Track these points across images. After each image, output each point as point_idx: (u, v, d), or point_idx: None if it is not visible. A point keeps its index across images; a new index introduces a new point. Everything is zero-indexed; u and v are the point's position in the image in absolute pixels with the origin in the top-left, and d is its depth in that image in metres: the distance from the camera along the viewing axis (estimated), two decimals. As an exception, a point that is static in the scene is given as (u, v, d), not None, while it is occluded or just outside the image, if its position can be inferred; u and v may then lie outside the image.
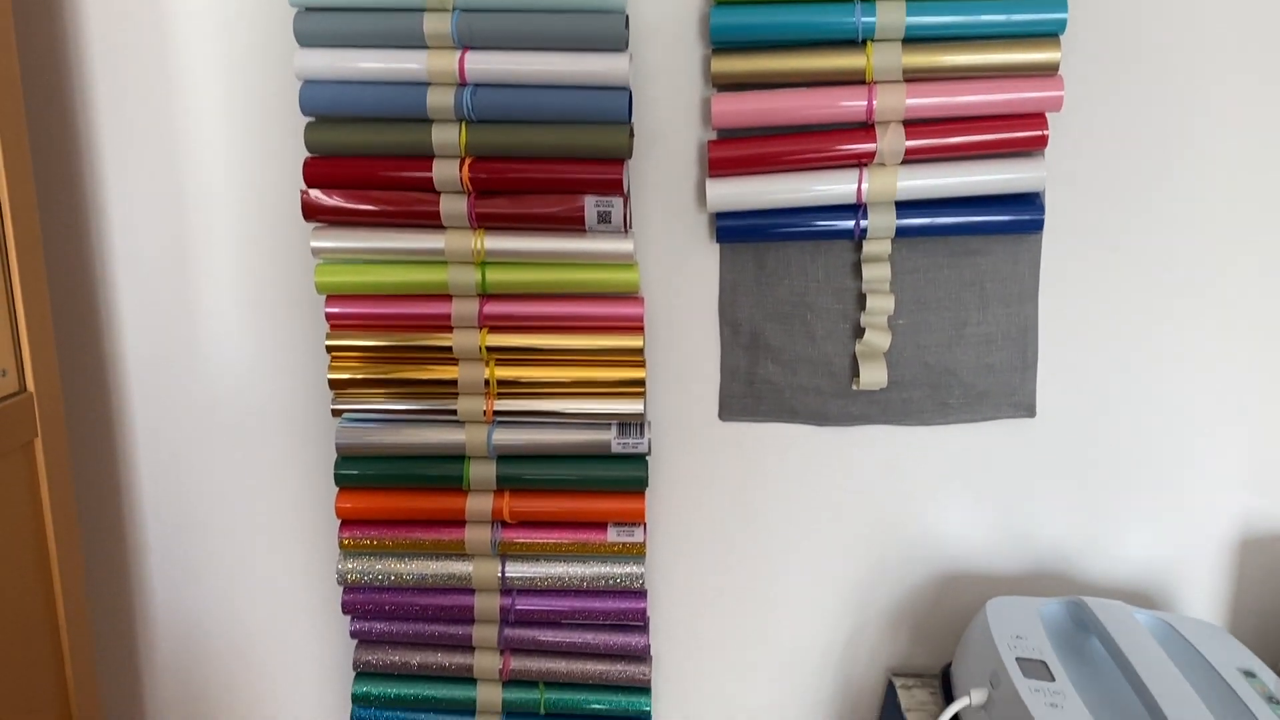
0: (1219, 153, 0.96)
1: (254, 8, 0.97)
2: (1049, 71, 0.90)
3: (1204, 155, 0.96)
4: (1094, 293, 0.99)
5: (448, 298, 0.98)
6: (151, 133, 1.00)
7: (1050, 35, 0.90)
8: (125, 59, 0.99)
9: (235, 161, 1.00)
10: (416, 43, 0.92)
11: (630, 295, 0.98)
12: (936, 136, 0.92)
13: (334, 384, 1.00)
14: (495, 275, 0.97)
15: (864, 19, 0.89)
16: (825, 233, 0.96)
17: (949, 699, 0.96)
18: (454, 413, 0.99)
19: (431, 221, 0.96)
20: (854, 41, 0.91)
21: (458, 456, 1.01)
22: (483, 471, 1.00)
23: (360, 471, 1.01)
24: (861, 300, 0.98)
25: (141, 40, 0.98)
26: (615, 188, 0.94)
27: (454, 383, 0.99)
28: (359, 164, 0.95)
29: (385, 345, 0.99)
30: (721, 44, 0.92)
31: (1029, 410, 1.01)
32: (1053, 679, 0.84)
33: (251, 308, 1.04)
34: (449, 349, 0.99)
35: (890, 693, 1.06)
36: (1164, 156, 0.96)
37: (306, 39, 0.93)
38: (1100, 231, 0.98)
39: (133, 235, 1.03)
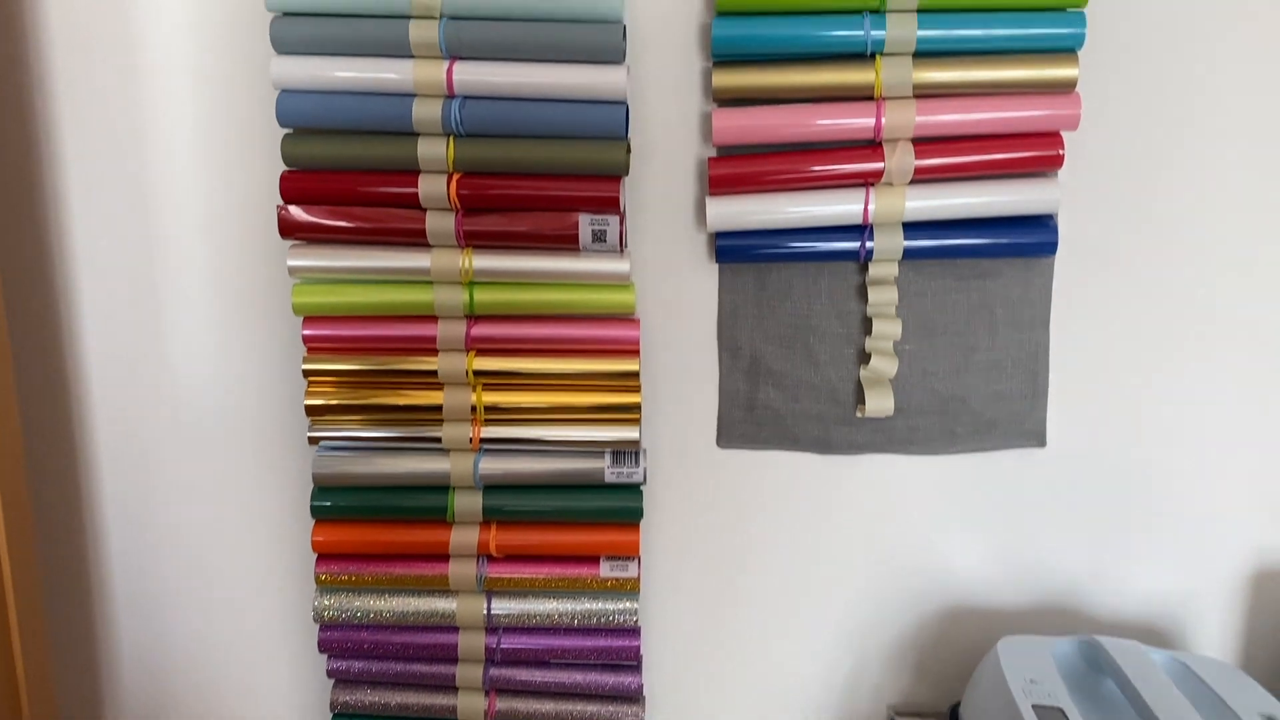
0: (1239, 177, 0.93)
1: (228, 11, 0.92)
2: (1066, 89, 0.87)
3: (1224, 178, 0.93)
4: (1107, 319, 0.96)
5: (433, 319, 0.93)
6: (117, 138, 0.94)
7: (1068, 51, 0.86)
8: (88, 61, 0.93)
9: (207, 174, 0.95)
10: (402, 51, 0.87)
11: (626, 317, 0.94)
12: (947, 155, 0.88)
13: (311, 410, 0.94)
14: (484, 295, 0.92)
15: (873, 32, 0.85)
16: (829, 254, 0.92)
17: (957, 742, 0.92)
18: (438, 440, 0.94)
19: (417, 239, 0.91)
20: (862, 55, 0.87)
21: (442, 487, 0.95)
22: (468, 503, 0.95)
23: (338, 503, 0.96)
24: (867, 324, 0.94)
25: (106, 42, 0.93)
26: (612, 206, 0.89)
27: (438, 408, 0.94)
28: (339, 178, 0.90)
29: (366, 369, 0.94)
30: (723, 57, 0.88)
31: (1039, 439, 0.98)
32: (1070, 726, 0.80)
33: (224, 329, 0.98)
34: (434, 373, 0.93)
35: (893, 732, 1.02)
36: (1182, 178, 0.93)
37: (284, 45, 0.88)
38: (1115, 255, 0.94)
39: (96, 249, 0.97)
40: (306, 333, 0.93)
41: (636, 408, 0.94)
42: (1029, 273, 0.94)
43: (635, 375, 0.93)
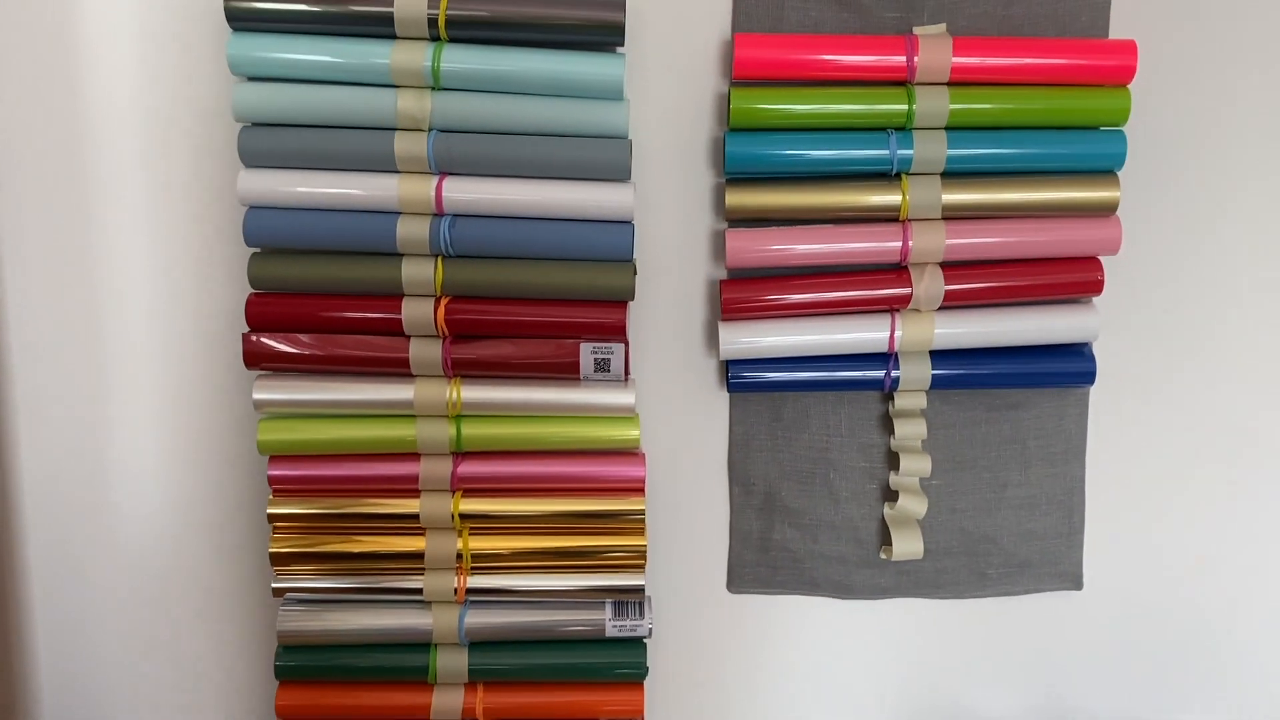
0: (1281, 299, 0.88)
1: (190, 117, 0.83)
2: (1105, 211, 0.81)
3: (1271, 304, 0.88)
4: (1148, 451, 0.89)
5: (415, 456, 0.83)
6: (63, 252, 0.85)
7: (1107, 172, 0.81)
8: (34, 157, 0.84)
9: (164, 295, 0.85)
10: (385, 166, 0.79)
11: (630, 451, 0.85)
12: (979, 280, 0.82)
13: (276, 559, 0.84)
14: (473, 430, 0.83)
15: (899, 151, 0.79)
16: (852, 383, 0.84)
17: None
18: (419, 592, 0.84)
19: (399, 370, 0.82)
20: (887, 175, 0.81)
21: (422, 644, 0.85)
22: (452, 662, 0.85)
23: (306, 662, 0.85)
24: (891, 458, 0.87)
25: (55, 138, 0.83)
26: (617, 333, 0.81)
27: (420, 556, 0.84)
28: (313, 303, 0.81)
29: (338, 513, 0.83)
30: (737, 174, 0.82)
31: (1075, 582, 0.90)
32: None
33: (180, 468, 0.88)
34: (415, 516, 0.84)
35: None
36: (1225, 303, 0.87)
37: (253, 158, 0.80)
38: (1155, 384, 0.88)
39: (36, 375, 0.86)
40: (273, 473, 0.83)
41: (641, 551, 0.85)
42: (1063, 402, 0.87)
43: (640, 515, 0.84)
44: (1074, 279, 0.83)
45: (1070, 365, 0.85)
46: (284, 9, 0.77)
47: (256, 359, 0.82)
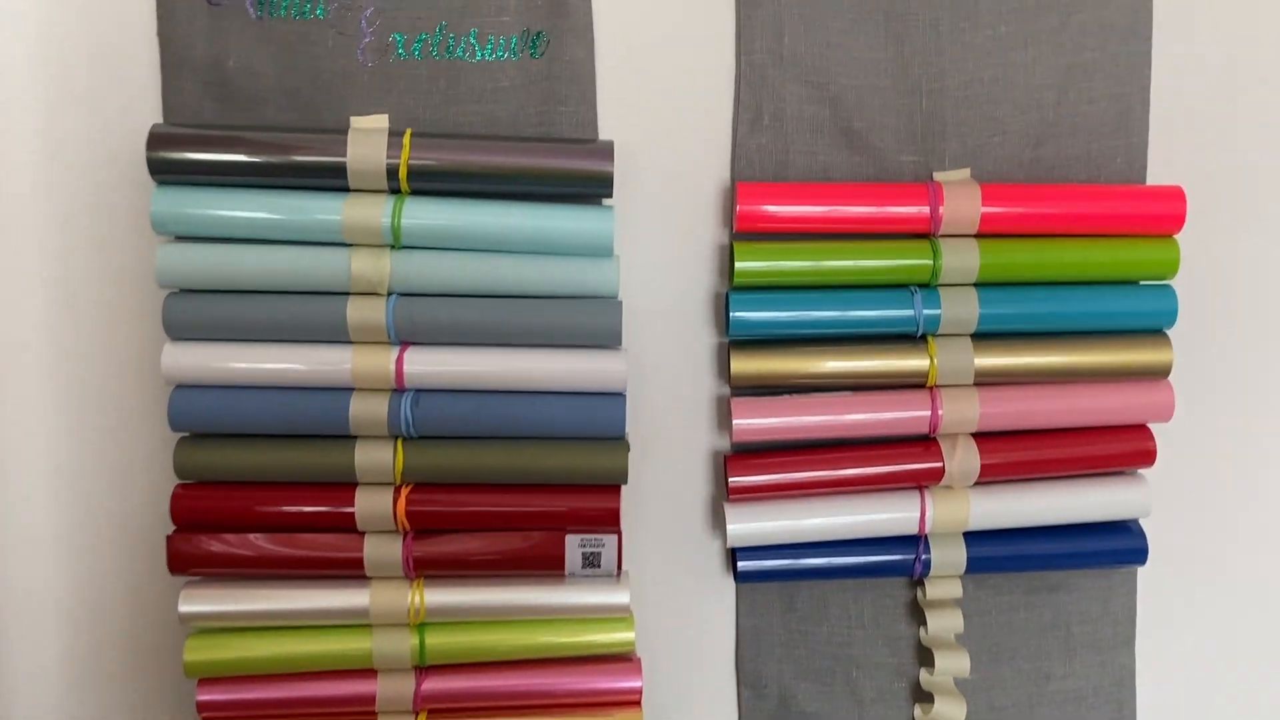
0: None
1: (108, 283, 0.72)
2: (1156, 375, 0.73)
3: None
4: (1203, 636, 0.79)
5: (371, 673, 0.70)
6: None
7: (1156, 331, 0.72)
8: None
9: (74, 489, 0.73)
10: (337, 336, 0.68)
11: (624, 656, 0.73)
12: (1017, 452, 0.72)
13: (204, 802, 0.70)
14: (438, 640, 0.70)
15: (925, 311, 0.70)
16: (876, 569, 0.74)
17: None
18: (378, 834, 0.71)
19: (351, 572, 0.70)
20: (912, 337, 0.72)
21: None
22: None
23: None
24: (922, 652, 0.76)
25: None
26: (609, 522, 0.70)
27: (378, 790, 0.71)
28: (249, 495, 0.69)
29: (280, 744, 0.71)
30: (742, 337, 0.72)
31: (1130, 784, 0.80)
32: None
33: (90, 687, 0.74)
34: (372, 744, 0.71)
35: None
36: (1285, 471, 0.79)
37: (180, 329, 0.68)
38: (1212, 563, 0.79)
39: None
40: (203, 698, 0.70)
41: (638, 775, 0.73)
42: (1110, 583, 0.77)
43: (637, 731, 0.73)
44: (1122, 449, 0.73)
45: (1119, 543, 0.75)
46: (216, 159, 0.67)
47: (183, 563, 0.69)
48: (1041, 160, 0.74)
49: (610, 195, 0.69)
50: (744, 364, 0.71)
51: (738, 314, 0.70)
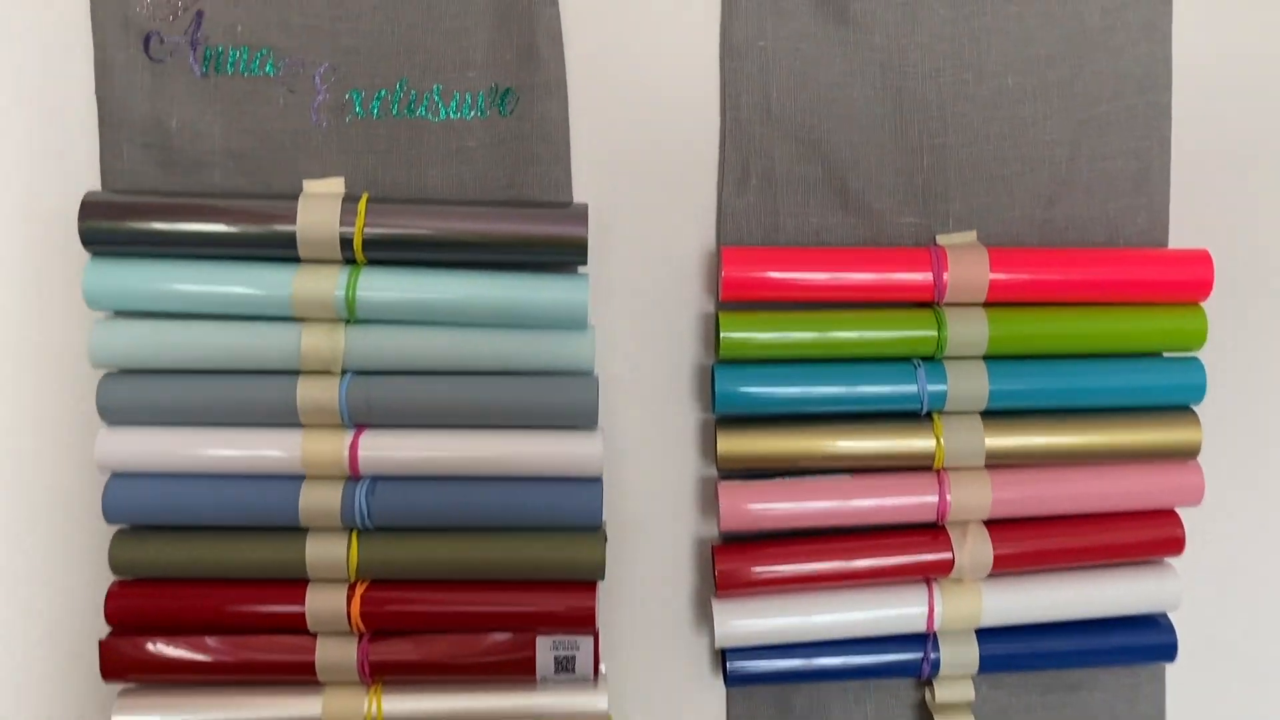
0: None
1: (38, 362, 0.66)
2: (1184, 455, 0.66)
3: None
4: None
5: (324, 789, 0.65)
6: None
7: (1182, 408, 0.66)
8: None
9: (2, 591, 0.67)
10: (285, 419, 0.63)
11: (601, 769, 0.67)
12: (1033, 541, 0.66)
13: None
14: (398, 751, 0.64)
15: (930, 386, 0.64)
16: (880, 669, 0.67)
17: None
18: None
19: (302, 677, 0.63)
20: (916, 415, 0.66)
21: None
22: None
23: None
24: (932, 761, 0.70)
25: None
26: (584, 622, 0.63)
27: None
28: (190, 593, 0.63)
29: None
30: (730, 415, 0.66)
31: None
32: None
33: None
34: None
35: None
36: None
37: (116, 413, 0.63)
38: (1244, 659, 0.72)
39: None
40: (135, 819, 0.64)
41: None
42: (1135, 681, 0.70)
43: None
44: (1148, 536, 0.67)
45: (1145, 638, 0.68)
46: (155, 229, 0.61)
47: (118, 668, 0.63)
48: (1054, 221, 0.68)
49: (585, 262, 0.63)
50: (732, 444, 0.65)
51: (724, 389, 0.64)
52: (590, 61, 0.67)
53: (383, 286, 0.62)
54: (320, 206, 0.62)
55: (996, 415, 0.66)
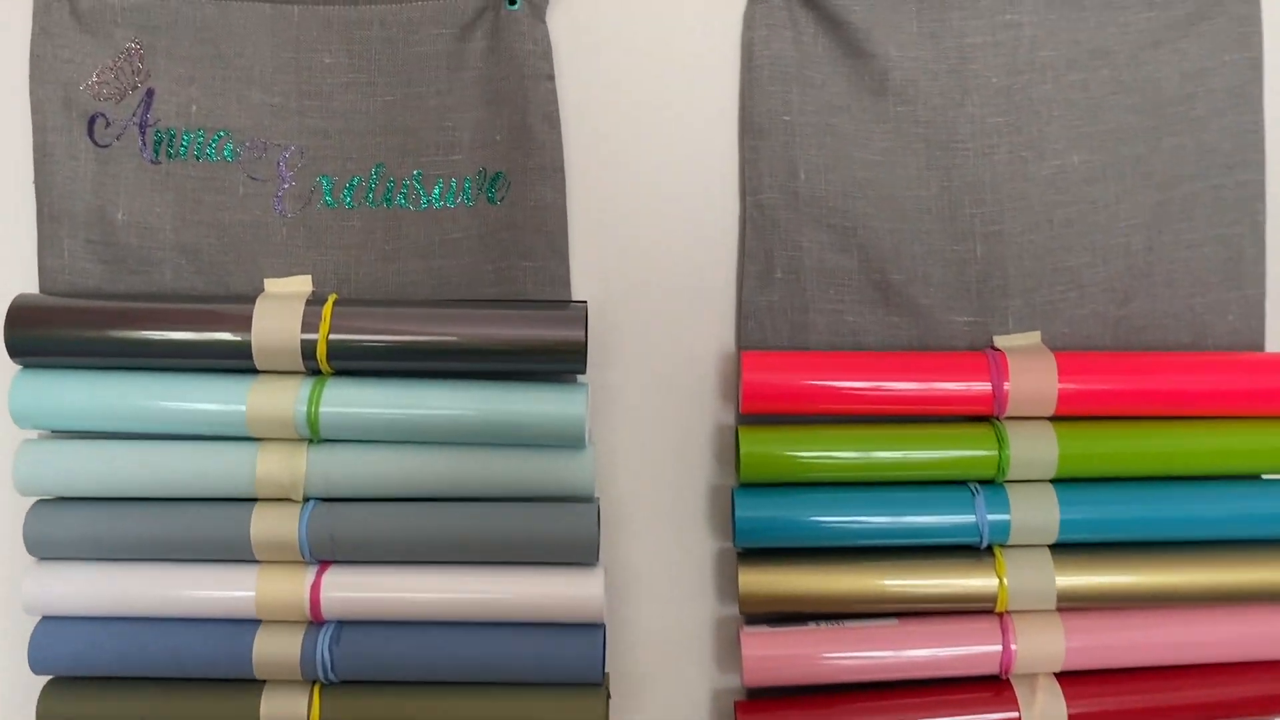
0: None
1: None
2: (1291, 599, 0.57)
3: None
4: None
5: None
6: None
7: (1285, 543, 0.57)
8: None
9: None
10: (238, 554, 0.54)
11: None
12: (1114, 697, 0.56)
13: None
14: None
15: (990, 516, 0.55)
16: (933, 846, 0.58)
17: None
18: None
19: None
20: (975, 549, 0.56)
21: None
22: None
23: None
24: None
25: None
26: (580, 797, 0.55)
27: None
28: (128, 756, 0.55)
29: None
30: (752, 546, 0.57)
31: None
32: None
33: None
34: None
35: None
36: None
37: (45, 547, 0.55)
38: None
39: None
40: None
41: None
42: None
43: None
44: (1252, 692, 0.57)
45: (1250, 806, 0.58)
46: (91, 336, 0.54)
47: (39, 846, 0.55)
48: (1130, 320, 0.59)
49: (583, 370, 0.55)
50: (755, 581, 0.56)
51: (746, 516, 0.56)
52: (591, 141, 0.59)
53: (349, 401, 0.54)
54: (279, 310, 0.54)
55: (1068, 549, 0.56)
